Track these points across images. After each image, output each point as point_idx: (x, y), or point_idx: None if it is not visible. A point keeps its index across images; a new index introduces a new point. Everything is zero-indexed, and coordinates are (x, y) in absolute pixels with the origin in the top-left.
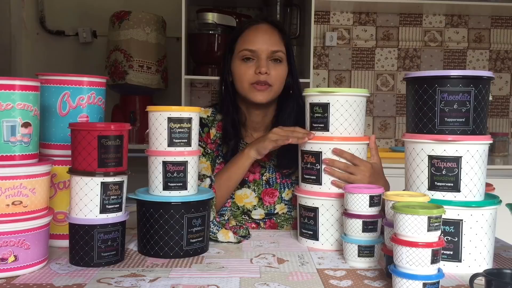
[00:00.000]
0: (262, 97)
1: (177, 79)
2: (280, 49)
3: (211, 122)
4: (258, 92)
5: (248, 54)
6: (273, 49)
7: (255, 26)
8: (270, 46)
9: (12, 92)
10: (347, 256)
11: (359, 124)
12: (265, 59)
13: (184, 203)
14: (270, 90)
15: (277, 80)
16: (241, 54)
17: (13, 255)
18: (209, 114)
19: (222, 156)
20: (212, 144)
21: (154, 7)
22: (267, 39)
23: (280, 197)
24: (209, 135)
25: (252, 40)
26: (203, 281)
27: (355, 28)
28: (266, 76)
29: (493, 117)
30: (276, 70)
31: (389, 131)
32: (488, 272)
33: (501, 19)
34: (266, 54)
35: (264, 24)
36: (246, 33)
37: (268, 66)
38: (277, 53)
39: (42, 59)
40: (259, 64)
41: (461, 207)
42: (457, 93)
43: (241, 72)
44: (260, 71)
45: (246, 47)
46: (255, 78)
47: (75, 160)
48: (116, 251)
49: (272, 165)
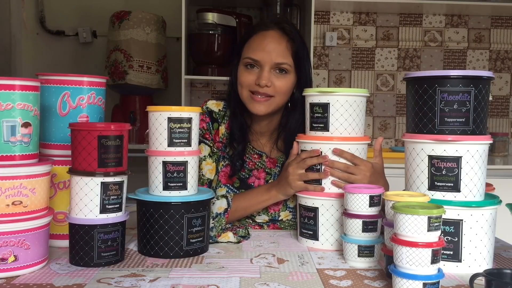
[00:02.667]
0: (260, 109)
1: (177, 79)
2: (285, 61)
3: (222, 117)
4: (256, 103)
5: (251, 62)
6: (277, 61)
7: (262, 33)
8: (274, 57)
9: (12, 92)
10: (347, 256)
11: (359, 124)
12: (268, 70)
13: (184, 203)
14: (270, 102)
15: (279, 92)
16: (245, 62)
17: (13, 255)
18: (221, 108)
19: (228, 159)
20: (219, 143)
21: (154, 7)
22: (273, 49)
23: (285, 204)
24: (218, 132)
25: (256, 49)
26: (203, 281)
27: (355, 28)
28: (266, 89)
29: (493, 117)
30: (279, 81)
31: (389, 131)
32: (488, 272)
33: (501, 19)
34: (270, 65)
35: (272, 31)
36: (253, 39)
37: (271, 77)
38: (282, 65)
39: (42, 59)
40: (260, 75)
41: (461, 207)
42: (457, 93)
43: (242, 79)
44: (260, 83)
45: (249, 55)
46: (255, 87)
47: (75, 160)
48: (116, 251)
49: (278, 171)
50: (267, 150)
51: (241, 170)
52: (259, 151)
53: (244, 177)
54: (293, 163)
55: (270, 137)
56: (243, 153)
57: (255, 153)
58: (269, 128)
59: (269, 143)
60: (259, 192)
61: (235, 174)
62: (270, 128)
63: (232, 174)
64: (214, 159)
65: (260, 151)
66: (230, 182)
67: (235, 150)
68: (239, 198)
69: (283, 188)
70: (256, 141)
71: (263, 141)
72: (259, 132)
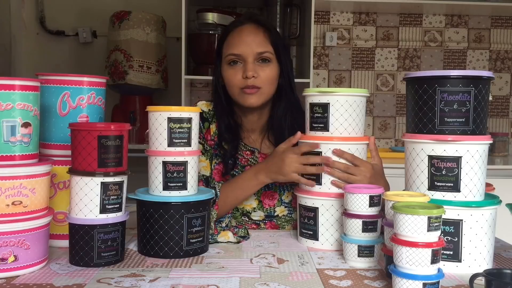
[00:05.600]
0: (253, 100)
1: (177, 79)
2: (266, 50)
3: (212, 116)
4: (248, 96)
5: (234, 58)
6: (259, 51)
7: (239, 28)
8: (255, 48)
9: (12, 92)
10: (347, 256)
11: (359, 124)
12: (251, 62)
13: (184, 203)
14: (260, 93)
15: (265, 82)
16: (227, 59)
17: (13, 255)
18: (211, 108)
19: (221, 157)
20: (211, 141)
21: (154, 7)
22: (251, 40)
23: (280, 199)
24: (209, 131)
25: (236, 44)
26: (203, 281)
27: (355, 28)
28: (253, 80)
29: (493, 117)
30: (264, 71)
31: (389, 131)
32: (488, 272)
33: (501, 19)
34: (252, 56)
35: (248, 25)
36: (231, 36)
37: (255, 68)
38: (264, 54)
39: (42, 59)
40: (245, 68)
41: (461, 207)
42: (457, 93)
43: (230, 78)
44: (247, 76)
45: (231, 51)
46: (244, 82)
47: (75, 160)
48: (116, 251)
49: None
50: (258, 145)
51: (233, 168)
52: (251, 148)
53: (237, 174)
54: (291, 153)
55: (260, 133)
56: (234, 152)
57: (247, 149)
58: (260, 123)
59: (260, 138)
60: (246, 178)
61: (228, 173)
62: (260, 123)
63: (225, 173)
64: (207, 156)
65: (252, 148)
66: (224, 179)
67: (225, 150)
68: (226, 189)
69: (272, 174)
70: (248, 138)
71: (254, 137)
72: (250, 129)
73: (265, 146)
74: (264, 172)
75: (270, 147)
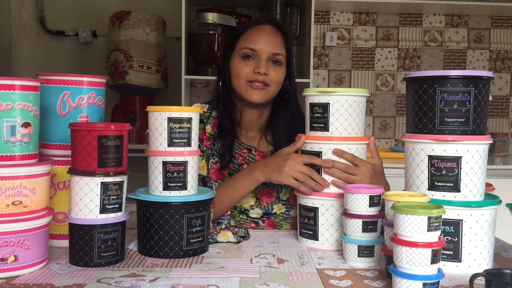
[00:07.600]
0: (258, 97)
1: (177, 79)
2: (281, 53)
3: (207, 118)
4: (254, 91)
5: (249, 52)
6: (275, 52)
7: (260, 26)
8: (272, 48)
9: (12, 92)
10: (347, 256)
11: (359, 124)
12: (265, 60)
13: (184, 203)
14: (266, 91)
15: (274, 82)
16: (242, 52)
17: (13, 255)
18: (205, 110)
19: (217, 156)
20: (207, 141)
21: (154, 7)
22: (270, 40)
23: (277, 197)
24: (205, 131)
25: (255, 39)
26: (203, 281)
27: (355, 28)
28: (264, 77)
29: (493, 117)
30: (275, 72)
31: (389, 131)
32: (488, 272)
33: (501, 19)
34: (267, 55)
35: (268, 25)
36: (250, 31)
37: (268, 67)
38: (278, 56)
39: (42, 59)
40: (258, 64)
41: (461, 207)
42: (457, 93)
43: (240, 69)
44: (259, 71)
45: (248, 45)
46: (253, 76)
47: (75, 160)
48: (116, 251)
49: None
50: (256, 143)
51: (230, 161)
52: (248, 146)
53: (234, 172)
54: (298, 158)
55: (258, 131)
56: (231, 147)
57: (244, 147)
58: (259, 122)
59: (258, 136)
60: (242, 176)
61: (225, 167)
62: (260, 122)
63: (222, 167)
64: (203, 156)
65: (249, 146)
66: (221, 178)
67: (223, 143)
68: (222, 188)
69: (269, 173)
70: (245, 135)
71: (251, 134)
72: (248, 127)
73: (263, 145)
74: (259, 169)
75: (268, 146)
